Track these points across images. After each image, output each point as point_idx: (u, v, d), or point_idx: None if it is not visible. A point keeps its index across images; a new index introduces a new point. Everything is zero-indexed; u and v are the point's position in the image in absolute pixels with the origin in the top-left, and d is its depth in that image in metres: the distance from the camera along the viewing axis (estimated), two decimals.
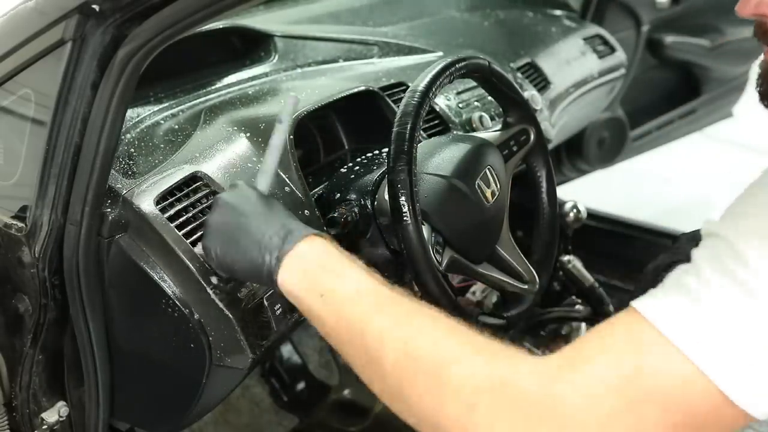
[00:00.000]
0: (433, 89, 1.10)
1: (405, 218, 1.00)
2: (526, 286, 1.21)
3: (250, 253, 0.84)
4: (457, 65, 1.15)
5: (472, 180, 1.15)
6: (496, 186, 1.19)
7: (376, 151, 1.31)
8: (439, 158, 1.17)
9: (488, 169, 1.18)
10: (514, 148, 1.27)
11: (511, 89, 1.27)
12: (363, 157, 1.30)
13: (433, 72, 1.12)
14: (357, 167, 1.24)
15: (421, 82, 1.10)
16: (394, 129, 1.05)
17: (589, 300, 1.47)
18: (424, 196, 1.09)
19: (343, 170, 1.24)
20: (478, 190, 1.15)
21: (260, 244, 0.84)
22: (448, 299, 1.04)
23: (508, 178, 1.25)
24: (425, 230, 1.04)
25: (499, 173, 1.21)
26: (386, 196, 1.11)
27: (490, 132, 1.30)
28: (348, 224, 1.12)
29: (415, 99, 1.07)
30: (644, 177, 3.43)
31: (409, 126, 1.04)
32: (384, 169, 1.18)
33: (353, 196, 1.16)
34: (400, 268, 1.17)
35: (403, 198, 1.00)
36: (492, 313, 1.19)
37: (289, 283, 0.82)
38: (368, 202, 1.14)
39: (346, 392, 2.04)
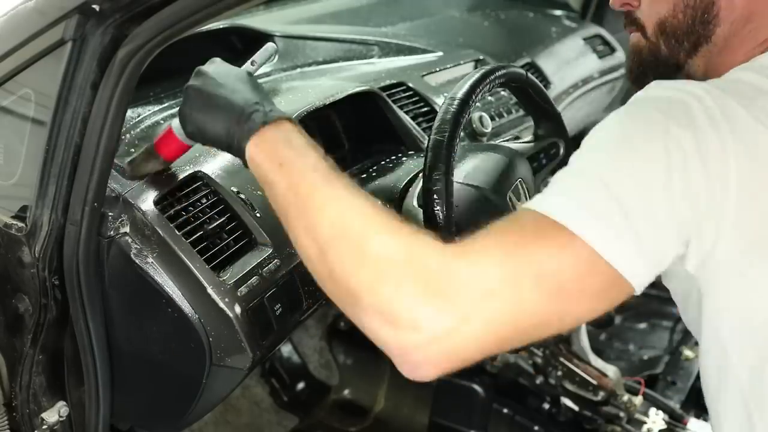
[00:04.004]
0: (473, 98, 1.07)
1: (440, 227, 0.98)
2: None
3: (226, 121, 0.91)
4: (496, 73, 1.12)
5: (504, 192, 1.13)
6: (526, 199, 1.17)
7: (393, 156, 1.30)
8: (471, 167, 1.15)
9: (519, 181, 1.16)
10: (544, 161, 1.26)
11: (546, 101, 1.25)
12: (387, 160, 1.29)
13: (473, 80, 1.09)
14: (378, 171, 1.23)
15: (460, 90, 1.07)
16: (432, 136, 1.03)
17: None
18: (455, 206, 1.06)
19: (364, 176, 1.23)
20: (510, 203, 1.13)
21: (238, 113, 0.90)
22: None
23: (536, 192, 1.23)
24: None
25: (530, 186, 1.19)
26: (414, 203, 1.10)
27: (521, 143, 1.28)
28: None
29: (454, 107, 1.05)
30: None
31: (447, 135, 1.02)
32: (413, 175, 1.16)
33: (380, 200, 1.14)
34: None
35: (438, 207, 0.99)
36: None
37: (254, 152, 0.87)
38: (394, 207, 1.13)
39: (346, 392, 2.04)
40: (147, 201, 1.02)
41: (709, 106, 0.74)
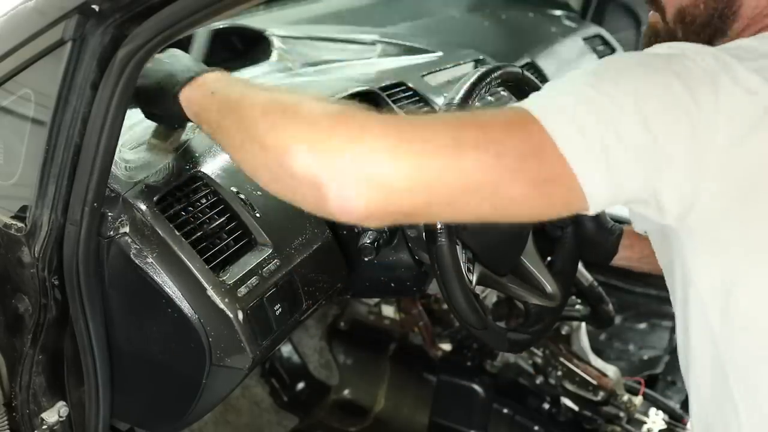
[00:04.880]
0: (470, 102, 1.06)
1: (440, 240, 0.98)
2: (548, 302, 1.20)
3: (164, 80, 0.97)
4: (493, 75, 1.11)
5: None
6: None
7: None
8: None
9: None
10: None
11: None
12: None
13: (469, 83, 1.08)
14: None
15: (458, 94, 1.06)
16: None
17: (588, 299, 1.47)
18: None
19: None
20: None
21: (174, 73, 0.96)
22: (479, 319, 1.03)
23: None
24: (458, 249, 1.02)
25: None
26: None
27: None
28: (381, 248, 1.10)
29: (452, 111, 1.03)
30: None
31: None
32: None
33: None
34: (422, 276, 1.16)
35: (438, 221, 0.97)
36: (517, 329, 1.18)
37: (187, 92, 0.93)
38: None
39: (346, 392, 2.04)
40: (147, 201, 1.02)
41: (706, 60, 0.74)
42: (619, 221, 1.28)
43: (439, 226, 0.98)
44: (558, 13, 2.60)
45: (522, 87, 1.23)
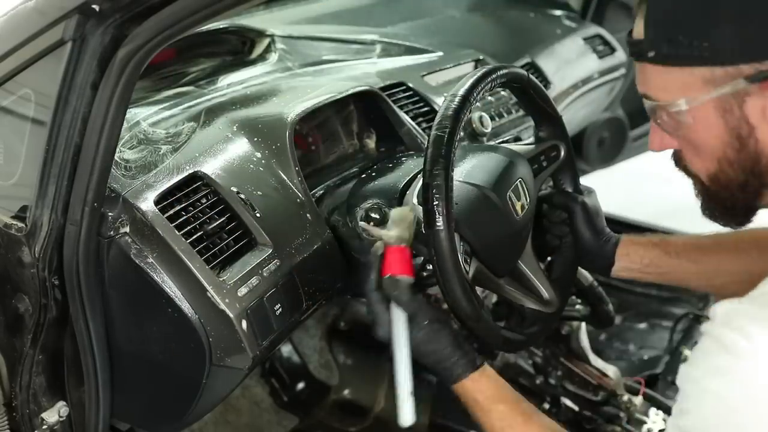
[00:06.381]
0: (474, 95, 1.07)
1: (438, 224, 0.98)
2: (545, 307, 1.19)
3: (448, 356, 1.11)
4: (498, 73, 1.12)
5: (504, 191, 1.12)
6: (526, 199, 1.17)
7: (393, 156, 1.30)
8: (471, 166, 1.15)
9: (519, 181, 1.16)
10: (544, 164, 1.25)
11: (547, 103, 1.24)
12: (387, 160, 1.29)
13: (474, 78, 1.09)
14: (378, 171, 1.23)
15: (461, 88, 1.07)
16: (433, 132, 1.02)
17: (588, 299, 1.47)
18: (455, 204, 1.04)
19: (363, 176, 1.24)
20: (509, 203, 1.13)
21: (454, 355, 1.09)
22: (473, 309, 1.03)
23: (536, 193, 1.23)
24: (456, 239, 1.02)
25: (529, 187, 1.19)
26: (414, 200, 1.09)
27: (521, 145, 1.27)
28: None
29: (455, 103, 1.04)
30: (644, 177, 3.43)
31: (447, 130, 1.01)
32: (412, 175, 1.17)
33: (380, 200, 1.15)
34: (422, 278, 1.16)
35: (437, 202, 0.98)
36: (513, 328, 1.18)
37: (463, 387, 1.12)
38: (395, 203, 1.13)
39: (346, 392, 2.04)
40: (147, 201, 1.02)
41: None
42: (616, 222, 1.28)
43: (437, 212, 0.99)
44: (558, 13, 2.60)
45: (526, 90, 1.22)
